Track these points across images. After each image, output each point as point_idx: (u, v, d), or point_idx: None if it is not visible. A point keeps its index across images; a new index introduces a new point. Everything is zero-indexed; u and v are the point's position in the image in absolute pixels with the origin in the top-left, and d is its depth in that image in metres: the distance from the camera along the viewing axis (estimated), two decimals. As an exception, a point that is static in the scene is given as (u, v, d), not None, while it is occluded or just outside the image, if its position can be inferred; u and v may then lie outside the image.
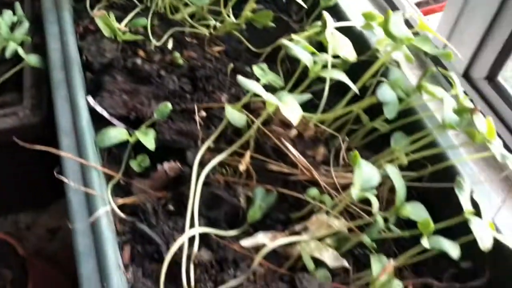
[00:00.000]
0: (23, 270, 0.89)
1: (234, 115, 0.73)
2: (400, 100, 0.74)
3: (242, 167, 0.71)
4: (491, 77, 1.13)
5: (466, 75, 1.18)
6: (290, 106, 0.67)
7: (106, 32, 0.86)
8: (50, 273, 1.07)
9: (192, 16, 1.00)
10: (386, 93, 0.70)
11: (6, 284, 0.89)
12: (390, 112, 0.70)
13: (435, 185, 0.71)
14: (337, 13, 0.95)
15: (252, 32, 1.00)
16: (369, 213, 0.67)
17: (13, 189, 1.09)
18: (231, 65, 0.91)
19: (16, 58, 0.93)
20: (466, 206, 0.61)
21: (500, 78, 1.12)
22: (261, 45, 0.98)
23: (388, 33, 0.72)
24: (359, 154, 0.59)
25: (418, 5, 1.59)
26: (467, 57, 1.16)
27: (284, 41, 0.76)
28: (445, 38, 1.26)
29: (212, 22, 0.99)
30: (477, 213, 0.62)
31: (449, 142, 0.72)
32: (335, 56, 0.81)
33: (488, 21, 1.06)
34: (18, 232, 1.16)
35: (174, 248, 0.64)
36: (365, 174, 0.59)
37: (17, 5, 0.91)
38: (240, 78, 0.69)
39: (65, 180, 0.65)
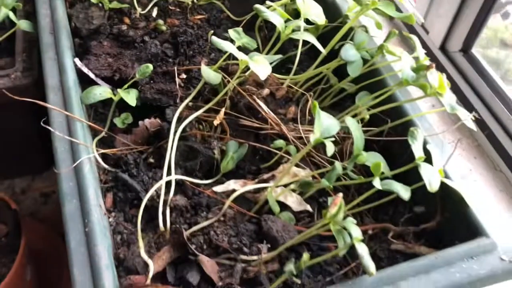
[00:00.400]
0: (17, 224, 0.95)
1: (210, 74, 0.78)
2: (365, 60, 0.79)
3: (216, 122, 0.77)
4: (466, 49, 1.18)
5: (443, 48, 1.23)
6: (261, 64, 0.72)
7: (93, 0, 0.91)
8: (42, 230, 1.13)
9: (176, -13, 1.05)
10: (349, 53, 0.75)
11: (1, 238, 0.95)
12: (353, 70, 0.76)
13: (394, 138, 0.76)
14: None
15: (233, 2, 1.05)
16: (333, 164, 0.73)
17: (9, 155, 1.15)
18: (212, 32, 0.96)
19: (10, 25, 0.98)
20: (418, 153, 0.66)
21: (474, 51, 1.17)
22: (242, 14, 1.03)
23: (354, -3, 0.77)
24: (318, 104, 0.64)
25: None
26: (443, 31, 1.21)
27: (257, 6, 0.81)
28: (423, 13, 1.31)
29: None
30: (430, 161, 0.67)
31: (408, 97, 0.77)
32: (308, 23, 0.86)
33: (462, -4, 1.11)
34: (13, 196, 1.22)
35: (151, 191, 0.70)
36: (325, 123, 0.65)
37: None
38: (214, 39, 0.74)
39: (51, 129, 0.71)
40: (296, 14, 0.91)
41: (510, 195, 1.00)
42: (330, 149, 0.62)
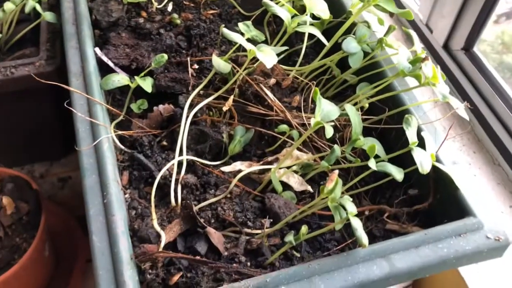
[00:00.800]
0: (37, 203, 1.02)
1: (220, 64, 0.84)
2: (366, 53, 0.85)
3: (225, 108, 0.82)
4: (468, 48, 1.23)
5: (446, 47, 1.28)
6: (267, 54, 0.77)
7: (112, -9, 0.98)
8: (59, 212, 1.20)
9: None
10: (350, 45, 0.81)
11: (23, 216, 1.02)
12: (354, 62, 0.81)
13: (391, 126, 0.81)
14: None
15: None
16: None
17: (30, 142, 1.21)
18: (223, 25, 1.01)
19: (35, 18, 1.05)
20: (412, 138, 0.71)
21: (476, 49, 1.22)
22: (252, 9, 1.08)
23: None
24: (319, 91, 0.70)
25: None
26: (446, 30, 1.25)
27: (266, 0, 0.87)
28: (428, 12, 1.35)
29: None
30: (423, 147, 0.72)
31: (405, 86, 0.82)
32: (314, 18, 0.91)
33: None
34: (33, 180, 1.28)
35: (164, 169, 0.76)
36: (325, 109, 0.70)
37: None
38: (225, 30, 0.80)
39: (73, 110, 0.77)
40: (303, 10, 0.96)
41: (508, 188, 1.04)
42: (329, 131, 0.67)
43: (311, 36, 0.92)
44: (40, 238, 0.97)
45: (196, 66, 0.94)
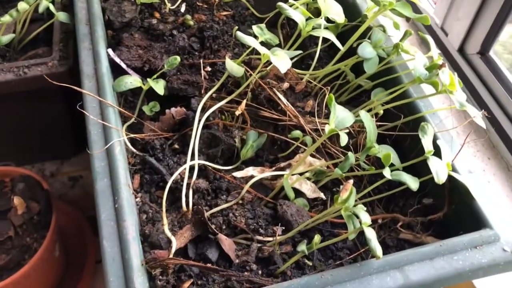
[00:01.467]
0: (48, 203, 1.02)
1: (233, 67, 0.83)
2: (382, 58, 0.83)
3: (238, 112, 0.81)
4: (483, 52, 1.21)
5: (461, 50, 1.26)
6: (281, 58, 0.76)
7: (126, -8, 0.97)
8: (70, 212, 1.20)
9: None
10: (366, 50, 0.79)
11: (34, 215, 1.02)
12: (369, 67, 0.80)
13: (406, 133, 0.80)
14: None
15: (258, 0, 1.09)
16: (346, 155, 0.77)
17: (41, 140, 1.22)
18: (236, 27, 1.00)
19: (48, 17, 1.05)
20: (428, 147, 0.70)
21: (492, 53, 1.20)
22: (265, 11, 1.07)
23: (372, -3, 0.81)
24: (333, 97, 0.68)
25: None
26: (462, 33, 1.23)
27: (280, 3, 0.85)
28: (443, 15, 1.34)
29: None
30: (439, 155, 0.71)
31: (421, 94, 0.80)
32: (329, 21, 0.90)
33: (480, -1, 1.13)
34: (43, 179, 1.29)
35: (176, 173, 0.75)
36: (340, 115, 0.69)
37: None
38: (239, 34, 0.79)
39: (86, 113, 0.77)
40: (317, 13, 0.95)
41: (523, 194, 1.02)
42: (344, 139, 0.66)
43: (325, 39, 0.91)
44: (51, 239, 0.97)
45: (208, 69, 0.93)
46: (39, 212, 1.01)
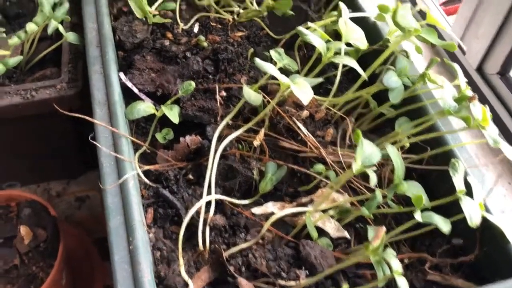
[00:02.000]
0: (56, 230, 0.98)
1: (251, 94, 0.79)
2: (406, 87, 0.80)
3: (256, 143, 0.78)
4: (504, 72, 1.17)
5: (480, 70, 1.22)
6: (302, 88, 0.73)
7: (138, 14, 0.93)
8: (76, 234, 1.16)
9: (217, 1, 1.07)
10: (391, 80, 0.76)
11: (40, 243, 0.98)
12: (395, 97, 0.76)
13: (434, 167, 0.76)
14: (354, 5, 1.00)
15: (273, 20, 1.06)
16: (371, 190, 0.74)
17: (47, 159, 1.18)
18: (252, 49, 0.97)
19: (56, 36, 1.01)
20: (459, 186, 0.66)
21: (513, 74, 1.16)
22: (281, 32, 1.04)
23: (396, 24, 0.77)
24: (361, 133, 0.65)
25: (445, 3, 1.63)
26: (481, 52, 1.20)
27: (300, 28, 0.82)
28: (461, 33, 1.30)
29: (236, 9, 1.05)
30: (470, 194, 0.67)
31: (449, 127, 0.77)
32: (348, 44, 0.86)
33: (502, 18, 1.10)
34: (49, 199, 1.25)
35: (192, 210, 0.71)
36: (366, 151, 0.65)
37: (58, -13, 0.99)
38: (258, 61, 0.75)
39: (98, 145, 0.73)
40: (336, 34, 0.92)
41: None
42: (373, 179, 0.62)
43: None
44: (58, 268, 0.93)
45: (224, 94, 0.90)
46: (46, 240, 0.97)
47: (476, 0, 1.22)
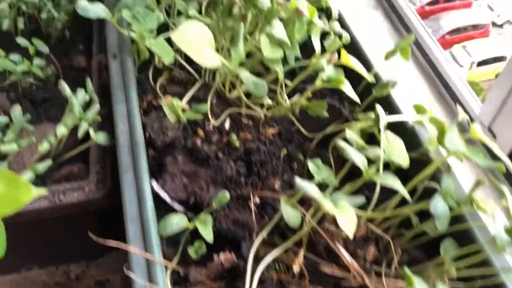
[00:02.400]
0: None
1: (290, 213, 0.76)
2: (451, 209, 0.76)
3: (296, 268, 0.74)
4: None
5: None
6: (346, 216, 0.70)
7: (171, 117, 0.91)
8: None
9: (247, 94, 1.05)
10: (438, 206, 0.73)
11: None
12: (441, 224, 0.73)
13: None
14: (389, 104, 0.98)
15: (304, 114, 1.03)
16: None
17: (67, 242, 1.15)
18: (284, 150, 0.95)
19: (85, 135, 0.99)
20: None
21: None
22: (312, 126, 1.02)
23: (443, 146, 0.75)
24: (413, 278, 0.61)
25: (457, 31, 1.61)
26: (513, 138, 1.17)
27: (339, 142, 0.79)
28: (492, 115, 1.28)
29: (267, 101, 1.03)
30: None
31: (504, 263, 0.73)
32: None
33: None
34: (68, 282, 1.22)
35: None
36: (418, 294, 0.62)
37: (88, 81, 0.98)
38: (298, 182, 0.73)
39: (133, 276, 0.70)
40: (371, 136, 0.90)
41: None
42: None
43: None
44: None
45: (257, 200, 0.87)
46: None
47: (508, 85, 1.21)
